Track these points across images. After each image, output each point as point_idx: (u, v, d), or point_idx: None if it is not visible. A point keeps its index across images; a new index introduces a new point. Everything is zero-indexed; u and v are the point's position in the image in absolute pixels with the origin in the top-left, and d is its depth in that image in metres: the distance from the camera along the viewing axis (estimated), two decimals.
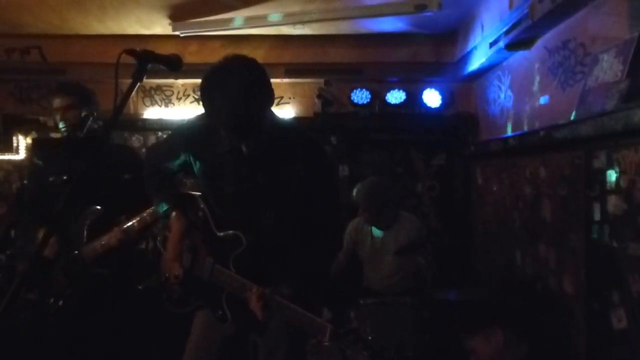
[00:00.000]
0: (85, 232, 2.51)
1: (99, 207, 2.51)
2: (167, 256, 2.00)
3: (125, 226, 2.46)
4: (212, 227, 1.94)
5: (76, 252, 2.50)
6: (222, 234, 1.92)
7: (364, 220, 3.31)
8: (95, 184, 2.36)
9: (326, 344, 2.68)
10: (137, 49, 1.37)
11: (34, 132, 4.62)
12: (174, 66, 1.49)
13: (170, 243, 1.97)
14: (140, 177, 2.68)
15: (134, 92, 1.44)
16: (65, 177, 2.52)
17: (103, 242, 2.48)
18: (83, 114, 2.53)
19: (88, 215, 2.52)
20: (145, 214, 2.44)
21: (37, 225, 2.52)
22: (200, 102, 1.70)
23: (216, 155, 1.84)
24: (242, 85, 1.60)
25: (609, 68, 2.33)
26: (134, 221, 2.45)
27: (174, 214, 1.95)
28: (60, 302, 2.47)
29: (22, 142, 4.60)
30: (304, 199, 1.85)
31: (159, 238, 2.10)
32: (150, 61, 1.39)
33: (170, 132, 2.07)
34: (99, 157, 2.49)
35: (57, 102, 2.58)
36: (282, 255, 1.86)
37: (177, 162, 1.99)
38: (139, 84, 1.36)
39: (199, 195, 2.00)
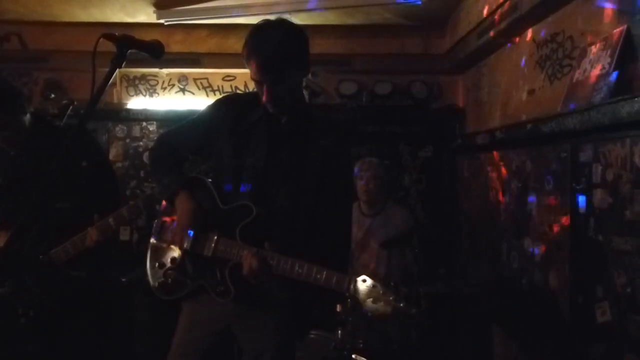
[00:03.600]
0: (52, 233, 2.27)
1: (67, 205, 2.29)
2: (169, 238, 1.94)
3: (101, 225, 2.26)
4: (219, 204, 1.89)
5: (44, 255, 2.28)
6: (229, 206, 1.87)
7: (369, 189, 3.25)
8: (53, 176, 2.04)
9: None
10: (117, 34, 1.32)
11: None
12: (156, 53, 1.44)
13: (177, 225, 1.89)
14: (99, 164, 2.47)
15: (112, 80, 1.39)
16: (10, 176, 2.33)
17: (77, 244, 2.28)
18: (64, 102, 2.45)
19: (54, 214, 2.26)
20: (122, 210, 2.29)
21: None
22: (242, 51, 1.79)
23: (245, 125, 1.88)
24: (281, 33, 1.75)
25: (597, 61, 2.32)
26: (109, 219, 2.27)
27: (180, 196, 1.88)
28: (31, 312, 2.27)
29: None
30: (320, 187, 1.85)
31: (155, 226, 2.03)
32: (130, 47, 1.34)
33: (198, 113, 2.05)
34: (52, 148, 2.14)
35: None
36: (290, 239, 1.80)
37: (196, 142, 1.98)
38: (117, 70, 1.30)
39: (204, 177, 1.97)
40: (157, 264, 1.98)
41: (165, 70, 4.59)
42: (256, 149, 1.87)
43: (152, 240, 2.04)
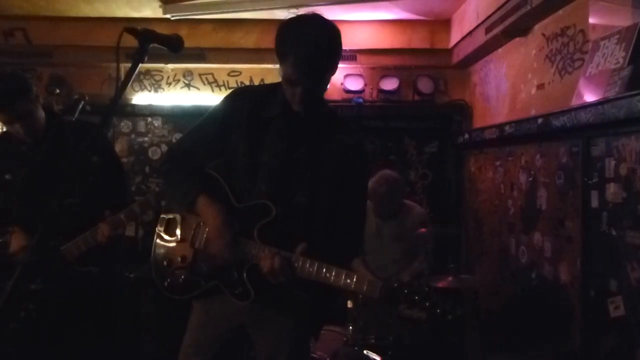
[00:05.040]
0: (61, 229, 2.22)
1: (76, 201, 2.17)
2: (212, 242, 1.81)
3: (112, 221, 2.26)
4: (233, 202, 1.82)
5: (55, 251, 2.26)
6: (246, 205, 1.80)
7: (377, 212, 3.29)
8: (64, 173, 2.15)
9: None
10: (139, 28, 1.30)
11: None
12: (175, 47, 1.43)
13: (215, 231, 1.76)
14: (110, 160, 2.45)
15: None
16: (23, 173, 2.30)
17: (88, 239, 2.27)
18: (75, 97, 2.43)
19: (63, 210, 2.29)
20: (133, 206, 2.29)
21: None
22: (276, 47, 1.69)
23: (262, 120, 1.80)
24: (322, 31, 1.66)
25: (610, 55, 2.31)
26: (121, 215, 2.27)
27: (201, 200, 1.78)
28: (33, 312, 2.24)
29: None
30: (338, 184, 1.80)
31: (160, 222, 1.95)
32: (152, 41, 1.33)
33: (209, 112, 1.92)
34: (65, 143, 2.28)
35: None
36: (308, 238, 1.73)
37: (212, 140, 1.85)
38: (140, 65, 1.29)
39: (214, 172, 1.90)
40: (164, 262, 1.91)
41: (170, 66, 4.58)
42: (273, 146, 1.80)
43: (158, 237, 1.95)
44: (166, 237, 1.94)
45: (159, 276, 1.92)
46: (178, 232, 1.92)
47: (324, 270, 1.64)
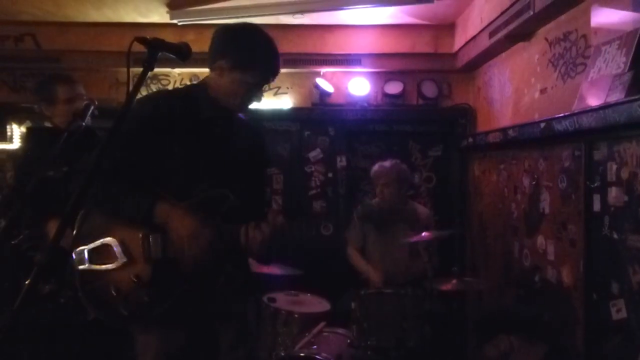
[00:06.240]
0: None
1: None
2: (193, 242, 1.74)
3: None
4: (177, 203, 1.78)
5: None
6: (200, 198, 1.80)
7: (384, 196, 3.31)
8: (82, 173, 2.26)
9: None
10: (148, 37, 1.36)
11: (28, 121, 4.56)
12: (184, 55, 1.48)
13: (193, 230, 1.71)
14: None
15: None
16: (65, 169, 2.39)
17: None
18: (85, 102, 2.50)
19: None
20: None
21: (42, 218, 2.45)
22: (227, 45, 1.94)
23: (197, 122, 1.87)
24: (271, 39, 1.95)
25: (611, 60, 2.34)
26: None
27: (160, 207, 1.72)
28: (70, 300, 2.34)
29: (16, 131, 4.55)
30: (261, 167, 2.11)
31: (86, 252, 1.76)
32: (161, 49, 1.37)
33: (129, 119, 1.87)
34: (82, 147, 2.46)
35: (63, 91, 2.63)
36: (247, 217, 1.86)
37: (145, 149, 1.78)
38: (149, 72, 1.34)
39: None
40: (113, 292, 1.72)
41: (177, 70, 4.62)
42: (213, 145, 1.89)
43: (84, 272, 1.77)
44: (100, 267, 1.75)
45: (108, 310, 1.74)
46: (118, 255, 1.74)
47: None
